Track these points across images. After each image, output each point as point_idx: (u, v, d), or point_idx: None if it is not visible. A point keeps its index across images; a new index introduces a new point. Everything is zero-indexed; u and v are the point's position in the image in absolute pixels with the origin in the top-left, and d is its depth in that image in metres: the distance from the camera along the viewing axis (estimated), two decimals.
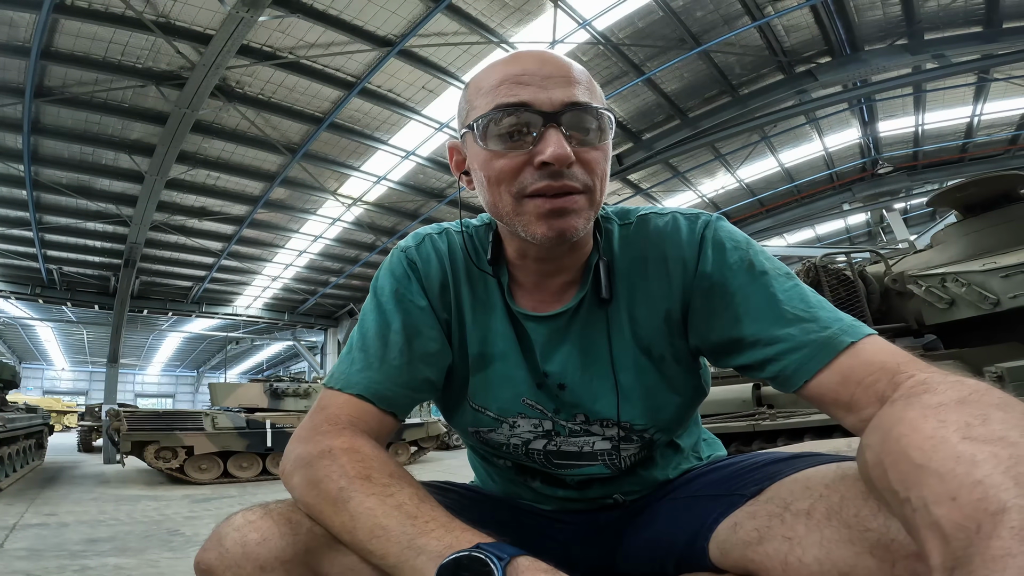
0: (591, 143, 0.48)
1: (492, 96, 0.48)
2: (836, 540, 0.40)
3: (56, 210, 7.64)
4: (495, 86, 0.49)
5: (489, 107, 0.48)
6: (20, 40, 4.62)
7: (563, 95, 0.47)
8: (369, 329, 0.56)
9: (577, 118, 0.48)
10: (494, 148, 0.48)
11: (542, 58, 0.49)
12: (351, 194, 7.92)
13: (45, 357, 21.84)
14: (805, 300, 0.49)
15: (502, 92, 0.48)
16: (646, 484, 0.61)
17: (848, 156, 8.76)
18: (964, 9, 5.34)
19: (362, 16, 4.80)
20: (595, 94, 0.50)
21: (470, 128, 0.50)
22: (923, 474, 0.30)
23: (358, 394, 0.52)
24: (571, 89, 0.48)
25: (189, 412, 5.42)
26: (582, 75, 0.50)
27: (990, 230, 2.43)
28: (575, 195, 0.48)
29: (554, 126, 0.46)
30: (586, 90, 0.49)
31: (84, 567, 2.04)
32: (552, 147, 0.46)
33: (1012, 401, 0.32)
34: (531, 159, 0.47)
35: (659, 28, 5.40)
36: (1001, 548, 0.24)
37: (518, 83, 0.48)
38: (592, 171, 0.48)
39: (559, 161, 0.46)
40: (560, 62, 0.50)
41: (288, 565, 0.42)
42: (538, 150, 0.46)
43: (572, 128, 0.47)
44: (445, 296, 0.57)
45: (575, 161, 0.47)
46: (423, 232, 0.60)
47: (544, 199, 0.48)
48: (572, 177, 0.47)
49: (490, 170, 0.49)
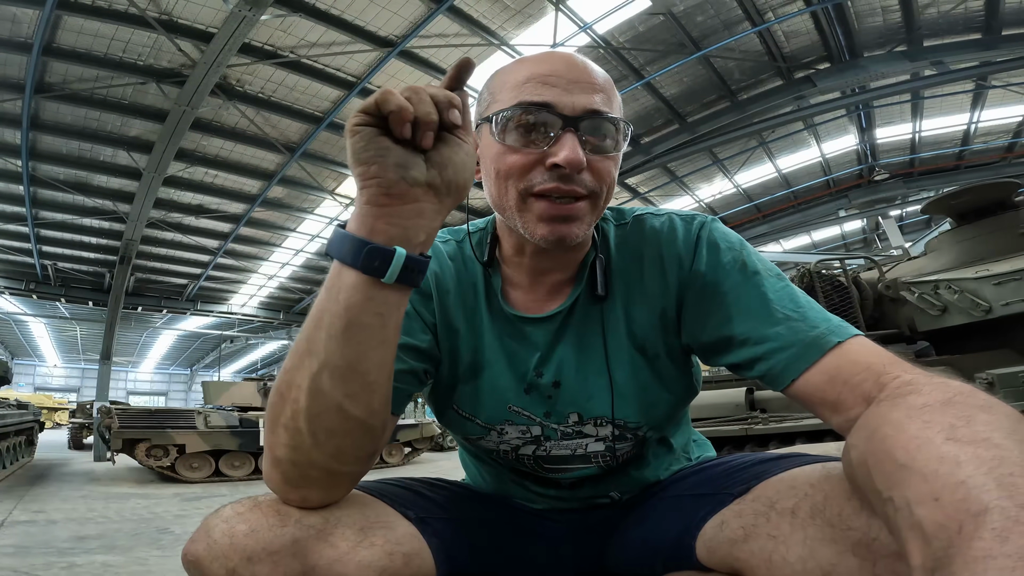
0: (605, 151, 0.49)
1: (517, 92, 0.49)
2: (819, 539, 0.40)
3: (52, 206, 7.60)
4: (521, 83, 0.49)
5: (512, 102, 0.49)
6: (23, 36, 4.62)
7: (586, 101, 0.48)
8: None
9: (595, 125, 0.48)
10: (510, 143, 0.49)
11: (571, 62, 0.50)
12: (349, 194, 7.92)
13: (37, 353, 21.69)
14: (795, 301, 0.50)
15: (527, 90, 0.48)
16: (638, 484, 0.62)
17: (845, 162, 8.82)
18: (964, 16, 5.37)
19: (364, 16, 4.81)
20: (615, 104, 0.51)
21: (488, 120, 0.50)
22: (906, 474, 0.30)
23: None
24: (594, 96, 0.49)
25: (181, 410, 5.39)
26: (607, 84, 0.51)
27: (984, 238, 2.44)
28: (580, 202, 0.49)
29: (572, 131, 0.47)
30: (608, 99, 0.50)
31: (71, 564, 2.02)
32: (566, 151, 0.46)
33: (996, 403, 0.33)
34: (543, 159, 0.48)
35: (659, 32, 5.43)
36: (982, 549, 0.24)
37: (544, 83, 0.48)
38: (601, 179, 0.49)
39: (571, 165, 0.46)
40: (588, 68, 0.50)
41: (276, 556, 0.42)
42: (552, 151, 0.47)
43: (589, 134, 0.48)
44: (430, 304, 0.57)
45: (585, 167, 0.48)
46: None
47: (550, 203, 0.48)
48: (580, 183, 0.48)
49: (501, 163, 0.49)
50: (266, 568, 0.42)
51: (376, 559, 0.46)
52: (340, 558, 0.44)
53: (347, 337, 0.40)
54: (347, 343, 0.40)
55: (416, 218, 0.41)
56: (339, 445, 0.43)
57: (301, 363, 0.42)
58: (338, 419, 0.42)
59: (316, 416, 0.42)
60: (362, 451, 0.45)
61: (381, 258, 0.40)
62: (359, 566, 0.45)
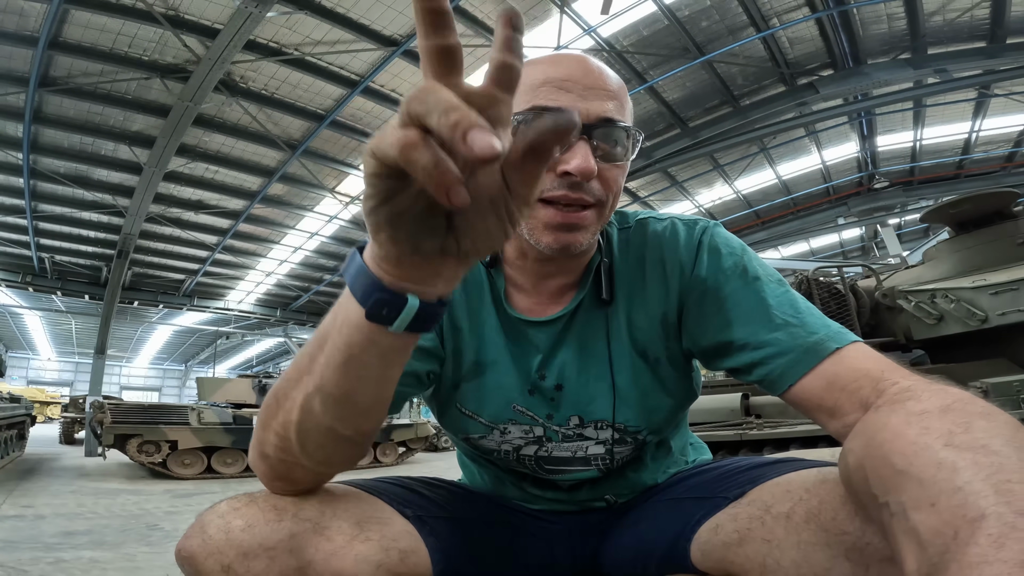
0: (615, 159, 0.49)
1: (531, 96, 0.48)
2: (813, 543, 0.40)
3: (52, 199, 7.58)
4: (536, 86, 0.48)
5: (526, 106, 0.48)
6: (29, 30, 4.62)
7: (600, 109, 0.47)
8: None
9: (608, 134, 0.48)
10: None
11: (586, 66, 0.49)
12: (349, 192, 7.91)
13: (32, 346, 21.57)
14: (794, 306, 0.50)
15: (542, 94, 0.48)
16: (635, 487, 0.62)
17: (845, 170, 8.86)
18: (969, 24, 5.38)
19: (369, 15, 4.82)
20: (627, 110, 0.51)
21: None
22: (904, 479, 0.30)
23: None
24: (608, 103, 0.48)
25: (174, 406, 5.36)
26: (620, 90, 0.50)
27: (982, 247, 2.45)
28: (587, 211, 0.48)
29: (585, 139, 0.46)
30: (621, 106, 0.49)
31: (58, 560, 2.00)
32: (578, 160, 0.46)
33: (994, 410, 0.32)
34: (554, 166, 0.47)
35: (664, 37, 5.45)
36: (978, 555, 0.24)
37: (560, 88, 0.47)
38: (609, 187, 0.49)
39: (583, 174, 0.46)
40: (602, 73, 0.50)
41: (272, 552, 0.42)
42: (564, 159, 0.46)
43: (601, 142, 0.48)
44: None
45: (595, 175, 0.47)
46: None
47: (556, 211, 0.48)
48: (589, 191, 0.47)
49: None
50: (262, 564, 0.41)
51: (372, 553, 0.46)
52: (336, 552, 0.44)
53: (344, 371, 0.38)
54: (344, 376, 0.38)
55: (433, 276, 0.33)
56: (327, 455, 0.44)
57: (299, 379, 0.41)
58: (327, 437, 0.42)
59: (306, 431, 0.41)
60: (350, 458, 0.46)
61: (390, 307, 0.33)
62: (356, 560, 0.44)
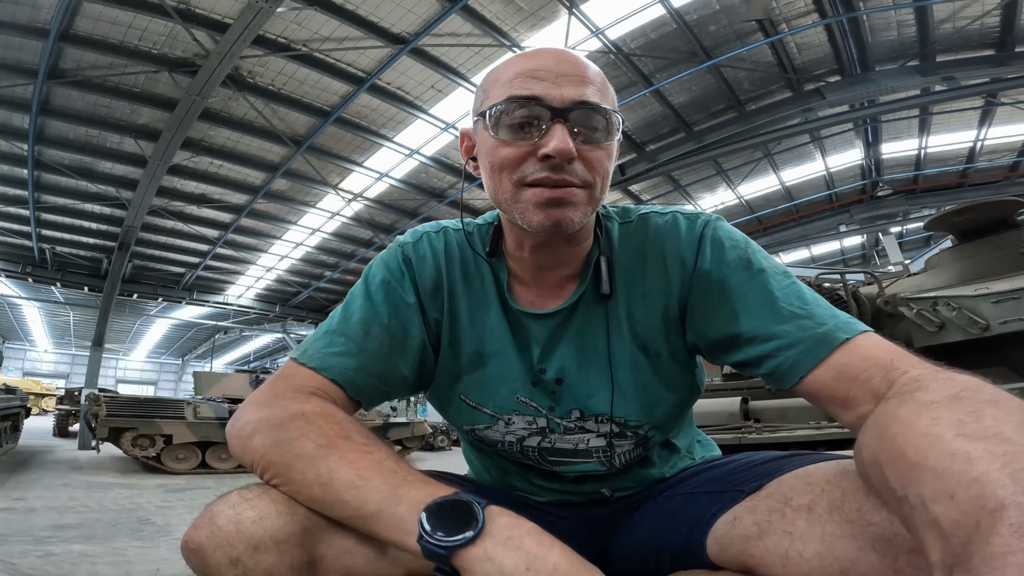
0: (596, 141, 0.49)
1: (507, 88, 0.50)
2: (838, 535, 0.40)
3: (55, 190, 7.58)
4: (511, 78, 0.50)
5: (502, 97, 0.49)
6: (41, 22, 4.63)
7: (574, 93, 0.48)
8: (354, 314, 0.56)
9: (585, 116, 0.49)
10: (502, 137, 0.49)
11: (560, 56, 0.51)
12: (352, 189, 7.92)
13: (28, 337, 21.55)
14: (801, 298, 0.50)
15: (516, 85, 0.49)
16: (641, 481, 0.62)
17: (849, 177, 8.86)
18: (979, 32, 5.36)
19: (378, 12, 4.83)
20: (607, 96, 0.51)
21: (482, 116, 0.51)
22: (919, 472, 0.30)
23: (332, 378, 0.52)
24: (583, 88, 0.49)
25: (170, 400, 5.34)
26: (596, 76, 0.51)
27: (984, 256, 2.44)
28: (574, 188, 0.49)
29: (561, 121, 0.48)
30: (598, 91, 0.50)
31: (48, 553, 1.99)
32: (555, 141, 0.47)
33: (1004, 396, 0.32)
34: (535, 150, 0.48)
35: (671, 40, 5.45)
36: (1001, 545, 0.24)
37: (533, 77, 0.49)
38: (594, 169, 0.49)
39: (560, 155, 0.47)
40: (576, 61, 0.51)
41: (283, 545, 0.41)
42: (542, 143, 0.48)
43: (579, 125, 0.48)
44: (438, 296, 0.58)
45: (576, 157, 0.48)
46: (421, 230, 0.61)
47: (543, 188, 0.49)
48: (572, 172, 0.48)
49: (495, 157, 0.50)
50: (272, 557, 0.41)
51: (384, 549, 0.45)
52: (349, 549, 0.44)
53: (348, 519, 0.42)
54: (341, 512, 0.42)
55: None
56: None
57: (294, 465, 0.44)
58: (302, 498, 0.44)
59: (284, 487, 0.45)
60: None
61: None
62: (367, 558, 0.44)
